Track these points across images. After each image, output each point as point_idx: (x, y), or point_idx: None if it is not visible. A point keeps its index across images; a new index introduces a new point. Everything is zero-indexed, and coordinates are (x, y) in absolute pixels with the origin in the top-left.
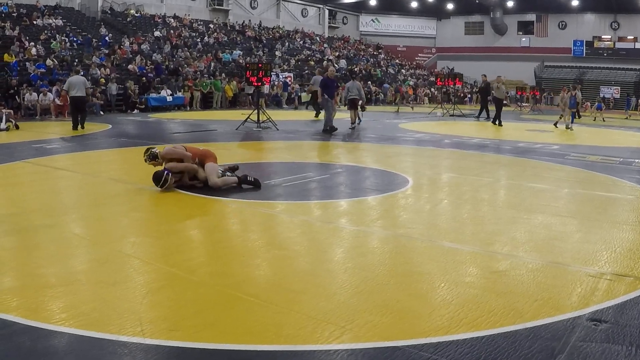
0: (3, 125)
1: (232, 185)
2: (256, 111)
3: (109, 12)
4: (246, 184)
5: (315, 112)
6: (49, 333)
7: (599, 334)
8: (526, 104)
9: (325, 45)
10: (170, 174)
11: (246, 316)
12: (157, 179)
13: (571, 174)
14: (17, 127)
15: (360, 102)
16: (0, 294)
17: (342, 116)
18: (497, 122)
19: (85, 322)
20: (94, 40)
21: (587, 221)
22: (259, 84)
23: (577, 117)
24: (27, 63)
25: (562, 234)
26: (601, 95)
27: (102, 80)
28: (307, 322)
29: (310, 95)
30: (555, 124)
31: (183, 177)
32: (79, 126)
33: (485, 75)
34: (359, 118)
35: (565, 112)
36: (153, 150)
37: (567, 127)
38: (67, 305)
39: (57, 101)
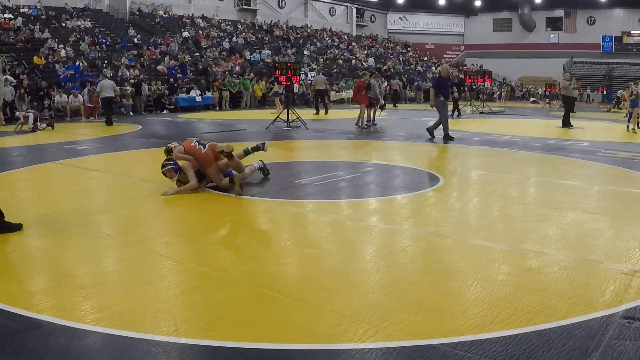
0: (32, 124)
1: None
2: (285, 110)
3: (137, 13)
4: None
5: (315, 110)
6: (84, 333)
7: (633, 331)
8: (555, 101)
9: (354, 43)
10: (174, 169)
11: (280, 315)
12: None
13: (602, 171)
14: (52, 127)
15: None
16: (34, 294)
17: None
18: (567, 124)
19: (119, 321)
20: (121, 42)
21: (619, 218)
22: (288, 83)
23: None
24: (56, 65)
25: (594, 231)
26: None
27: (132, 81)
28: (341, 321)
29: (315, 93)
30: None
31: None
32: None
33: (458, 70)
34: (373, 119)
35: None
36: (169, 145)
37: (628, 129)
38: (101, 305)
39: (88, 103)
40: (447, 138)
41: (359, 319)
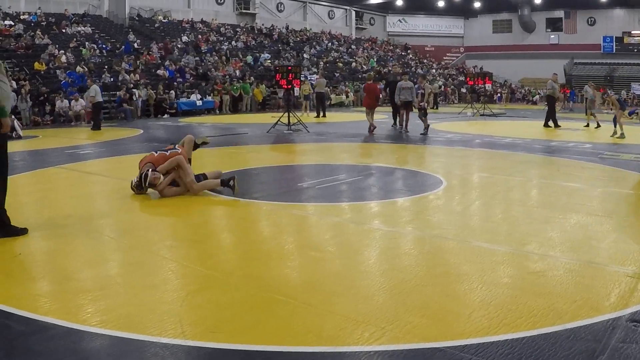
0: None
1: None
2: (286, 114)
3: (137, 18)
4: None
5: (316, 113)
6: (90, 335)
7: (639, 335)
8: (558, 102)
9: (353, 46)
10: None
11: (286, 318)
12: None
13: (605, 173)
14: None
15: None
16: (39, 297)
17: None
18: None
19: (125, 324)
20: (125, 47)
21: (623, 220)
22: (289, 86)
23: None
24: (57, 71)
25: (598, 234)
26: (632, 91)
27: (131, 85)
28: (347, 324)
29: (316, 96)
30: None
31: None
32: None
33: (397, 66)
34: (400, 124)
35: (619, 114)
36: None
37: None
38: (106, 308)
39: (89, 108)
40: None
41: (365, 322)
